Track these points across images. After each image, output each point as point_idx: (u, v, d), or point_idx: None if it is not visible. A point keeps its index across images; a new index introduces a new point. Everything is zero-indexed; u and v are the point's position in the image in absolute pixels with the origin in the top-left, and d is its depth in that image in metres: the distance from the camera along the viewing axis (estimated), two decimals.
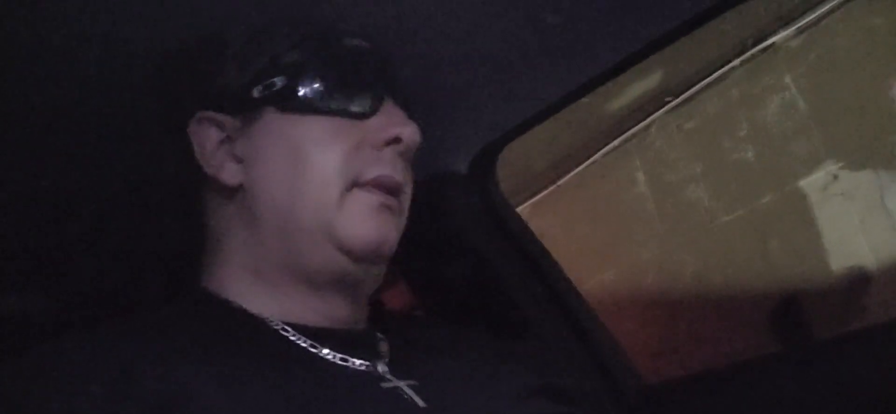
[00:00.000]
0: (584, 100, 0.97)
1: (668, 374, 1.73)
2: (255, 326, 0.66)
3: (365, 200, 0.67)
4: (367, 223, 0.66)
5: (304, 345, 0.65)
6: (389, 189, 0.68)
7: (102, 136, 0.76)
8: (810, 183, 1.75)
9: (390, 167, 0.68)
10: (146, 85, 0.71)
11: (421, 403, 0.63)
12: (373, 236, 0.67)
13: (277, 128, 0.67)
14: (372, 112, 0.69)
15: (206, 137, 0.70)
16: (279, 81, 0.67)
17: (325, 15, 0.71)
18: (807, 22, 1.73)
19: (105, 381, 0.54)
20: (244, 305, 0.68)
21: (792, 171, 1.78)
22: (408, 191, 0.72)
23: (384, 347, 0.70)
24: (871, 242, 1.65)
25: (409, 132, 0.68)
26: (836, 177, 1.71)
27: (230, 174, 0.69)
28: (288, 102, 0.67)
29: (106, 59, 0.68)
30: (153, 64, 0.70)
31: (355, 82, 0.69)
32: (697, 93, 1.95)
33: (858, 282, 1.65)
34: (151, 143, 0.75)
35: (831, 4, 1.69)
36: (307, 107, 0.67)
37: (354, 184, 0.66)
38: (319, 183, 0.66)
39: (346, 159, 0.66)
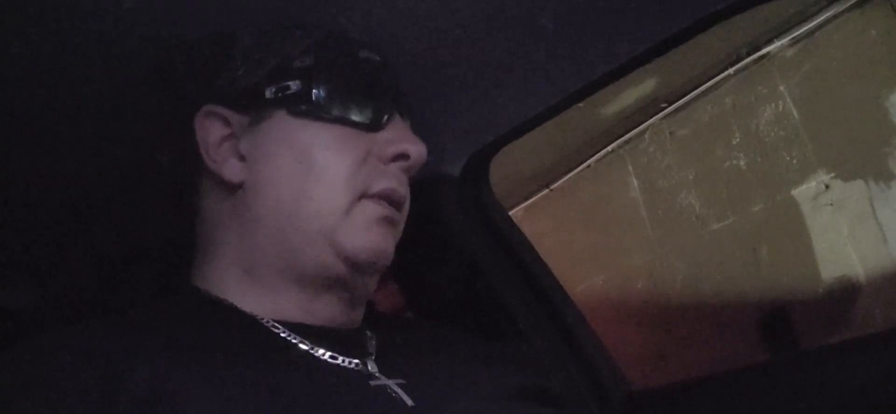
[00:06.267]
0: (579, 105, 0.98)
1: (656, 380, 1.73)
2: (246, 323, 0.66)
3: (370, 211, 0.68)
4: (370, 233, 0.68)
5: (294, 342, 0.65)
6: (393, 202, 0.69)
7: (99, 129, 0.75)
8: (801, 192, 1.76)
9: (397, 181, 0.69)
10: (154, 77, 0.71)
11: (409, 401, 0.63)
12: (373, 247, 0.68)
13: (287, 130, 0.68)
14: (381, 125, 0.70)
15: (211, 132, 0.70)
16: (294, 85, 0.68)
17: (322, 17, 0.71)
18: (801, 32, 1.74)
19: (93, 378, 0.54)
20: (235, 303, 0.68)
21: (784, 180, 1.79)
22: (407, 204, 0.73)
23: (374, 345, 0.70)
24: (860, 252, 1.66)
25: (418, 150, 0.70)
26: (827, 187, 1.72)
27: (232, 171, 0.69)
28: (300, 107, 0.68)
29: (112, 51, 0.68)
30: (161, 56, 0.70)
31: (367, 94, 0.70)
32: (691, 100, 1.96)
33: (847, 292, 1.66)
34: (148, 136, 0.74)
35: (826, 16, 1.70)
36: (318, 113, 0.68)
37: (363, 195, 0.68)
38: (328, 189, 0.67)
39: (355, 169, 0.68)
